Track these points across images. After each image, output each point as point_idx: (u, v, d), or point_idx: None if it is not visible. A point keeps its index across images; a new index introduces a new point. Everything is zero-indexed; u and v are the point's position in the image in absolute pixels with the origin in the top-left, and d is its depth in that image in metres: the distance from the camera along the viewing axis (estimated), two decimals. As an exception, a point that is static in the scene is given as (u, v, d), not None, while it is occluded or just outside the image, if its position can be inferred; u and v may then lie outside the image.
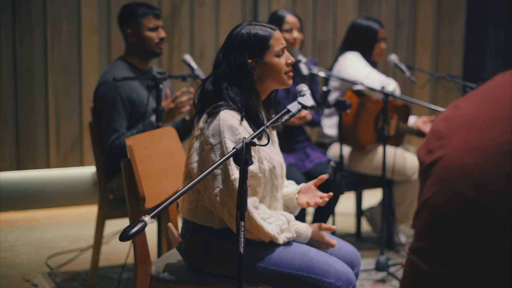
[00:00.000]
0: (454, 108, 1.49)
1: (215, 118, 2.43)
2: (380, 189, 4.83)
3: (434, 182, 1.42)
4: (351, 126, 4.37)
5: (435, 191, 1.41)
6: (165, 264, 2.63)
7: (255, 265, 2.43)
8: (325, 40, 6.33)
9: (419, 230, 1.46)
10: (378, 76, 4.33)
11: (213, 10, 5.77)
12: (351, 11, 6.42)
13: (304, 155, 4.25)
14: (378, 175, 4.52)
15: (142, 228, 1.84)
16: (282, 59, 2.56)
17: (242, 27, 2.55)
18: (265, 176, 2.50)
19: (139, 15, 3.67)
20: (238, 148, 2.09)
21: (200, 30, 5.72)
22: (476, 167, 1.33)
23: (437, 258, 1.40)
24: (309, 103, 2.42)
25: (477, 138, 1.36)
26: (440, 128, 1.48)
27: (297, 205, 2.73)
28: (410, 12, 6.79)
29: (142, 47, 3.70)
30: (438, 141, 1.46)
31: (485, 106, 1.40)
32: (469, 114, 1.42)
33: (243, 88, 2.50)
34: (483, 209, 1.31)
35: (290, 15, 4.18)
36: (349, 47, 4.54)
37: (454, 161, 1.38)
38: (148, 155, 2.67)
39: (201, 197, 2.49)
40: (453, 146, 1.40)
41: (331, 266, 2.43)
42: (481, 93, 1.45)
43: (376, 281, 3.97)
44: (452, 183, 1.37)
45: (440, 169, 1.41)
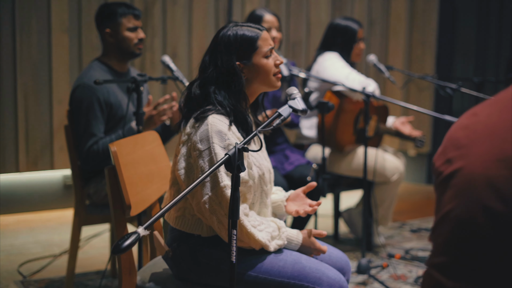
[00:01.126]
0: (473, 116, 1.43)
1: (203, 123, 2.34)
2: (358, 190, 4.80)
3: (455, 193, 1.36)
4: (331, 127, 4.32)
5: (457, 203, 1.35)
6: (151, 274, 2.54)
7: (246, 274, 2.36)
8: (298, 40, 6.27)
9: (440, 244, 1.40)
10: (358, 76, 4.29)
11: (186, 9, 5.67)
12: (324, 10, 6.37)
13: (283, 157, 4.19)
14: (358, 177, 4.48)
15: (135, 240, 1.76)
16: (270, 60, 2.49)
17: (228, 29, 2.47)
18: (255, 182, 2.43)
19: (119, 14, 3.57)
20: (231, 154, 2.02)
21: (172, 30, 5.63)
22: (502, 179, 1.28)
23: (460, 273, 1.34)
24: (300, 107, 2.35)
25: (501, 148, 1.31)
26: (458, 136, 1.42)
27: (285, 212, 2.66)
28: (382, 11, 6.77)
29: (120, 47, 3.60)
30: (457, 150, 1.40)
31: (507, 115, 1.34)
32: (491, 123, 1.36)
33: (231, 92, 2.42)
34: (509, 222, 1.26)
35: (268, 14, 4.11)
36: (328, 47, 4.49)
37: (478, 172, 1.32)
38: (132, 161, 2.58)
39: (188, 204, 2.41)
40: (475, 156, 1.35)
41: (324, 274, 2.37)
42: (501, 101, 1.40)
43: (358, 283, 3.92)
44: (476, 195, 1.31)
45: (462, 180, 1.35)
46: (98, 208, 3.60)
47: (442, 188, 1.42)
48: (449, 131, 1.47)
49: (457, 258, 1.35)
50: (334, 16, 6.33)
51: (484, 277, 1.30)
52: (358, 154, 4.45)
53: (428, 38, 6.82)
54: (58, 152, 5.25)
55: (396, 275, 4.07)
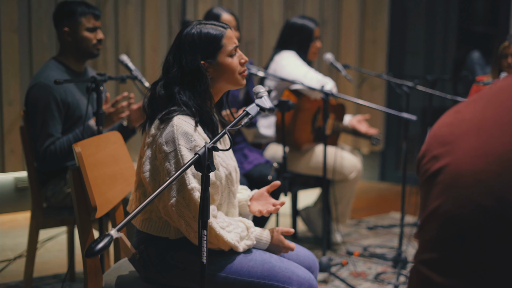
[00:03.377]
0: (456, 113, 1.43)
1: (168, 125, 2.30)
2: (315, 189, 4.81)
3: (442, 190, 1.36)
4: (289, 126, 4.32)
5: (445, 200, 1.35)
6: (117, 277, 2.49)
7: (215, 275, 2.33)
8: (251, 39, 6.26)
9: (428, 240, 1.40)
10: (315, 75, 4.30)
11: (138, 8, 5.60)
12: (277, 10, 6.38)
13: (242, 156, 4.17)
14: (316, 175, 4.49)
15: (108, 242, 1.72)
16: (235, 58, 2.46)
17: (192, 27, 2.43)
18: (222, 183, 2.40)
19: (78, 13, 3.50)
20: (201, 153, 1.99)
21: (125, 29, 5.55)
22: (490, 173, 1.28)
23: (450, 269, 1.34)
24: (268, 105, 2.34)
25: (487, 143, 1.31)
26: (443, 133, 1.42)
27: (249, 212, 2.64)
28: (334, 10, 6.81)
29: (78, 47, 3.53)
30: (443, 147, 1.40)
31: (492, 111, 1.35)
32: (476, 119, 1.37)
33: (196, 92, 2.38)
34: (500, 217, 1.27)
35: (226, 13, 4.09)
36: (285, 46, 4.49)
37: (465, 167, 1.32)
38: (95, 162, 2.52)
39: (155, 207, 2.37)
40: (461, 151, 1.35)
41: (293, 273, 2.36)
42: (484, 98, 1.40)
43: (319, 281, 3.93)
44: (464, 190, 1.31)
45: (449, 176, 1.36)
46: (56, 210, 3.53)
47: (428, 185, 1.41)
48: (432, 129, 1.47)
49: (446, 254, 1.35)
50: (287, 15, 6.34)
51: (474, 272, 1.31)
52: (316, 152, 4.46)
53: (379, 37, 6.89)
54: (9, 154, 5.12)
55: (356, 272, 4.09)
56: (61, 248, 4.47)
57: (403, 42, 7.18)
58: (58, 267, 4.13)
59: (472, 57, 7.43)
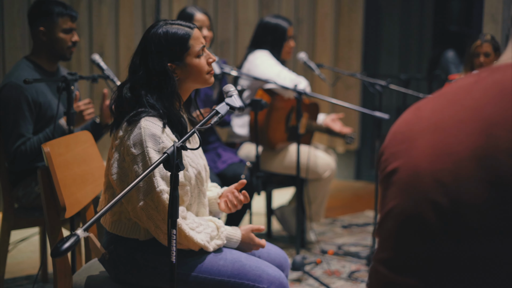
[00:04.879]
0: (416, 110, 1.44)
1: (136, 127, 2.28)
2: (289, 188, 4.82)
3: (399, 188, 1.36)
4: (263, 125, 4.32)
5: (402, 199, 1.35)
6: (87, 277, 2.48)
7: (185, 275, 2.33)
8: (226, 38, 6.26)
9: (385, 239, 1.40)
10: (289, 74, 4.31)
11: (112, 8, 5.58)
12: (252, 9, 6.38)
13: (216, 155, 4.17)
14: (290, 174, 4.50)
15: (75, 242, 1.71)
16: (202, 59, 2.44)
17: (159, 27, 2.39)
18: (191, 183, 2.39)
19: (55, 14, 3.46)
20: (169, 152, 1.99)
21: (99, 28, 5.52)
22: (447, 173, 1.29)
23: (406, 268, 1.35)
24: (238, 104, 2.34)
25: (445, 142, 1.32)
26: (402, 131, 1.42)
27: (219, 210, 2.65)
28: (309, 10, 6.83)
29: (52, 48, 3.50)
30: (400, 145, 1.40)
31: (450, 109, 1.36)
32: (434, 117, 1.37)
33: (163, 94, 2.35)
34: (456, 217, 1.27)
35: (199, 12, 4.08)
36: (258, 45, 4.49)
37: (422, 166, 1.33)
38: (65, 162, 2.51)
39: (124, 208, 2.36)
40: (418, 150, 1.35)
41: (264, 271, 2.36)
42: (445, 95, 1.41)
43: (293, 280, 3.94)
44: (421, 189, 1.32)
45: (405, 175, 1.36)
46: (28, 211, 3.50)
47: (386, 183, 1.42)
48: (393, 126, 1.47)
49: (403, 253, 1.35)
50: (262, 14, 6.34)
51: (430, 271, 1.31)
52: (290, 151, 4.47)
53: (354, 37, 6.91)
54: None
55: (330, 270, 4.10)
56: (34, 249, 4.44)
57: (378, 41, 7.21)
58: (31, 268, 4.10)
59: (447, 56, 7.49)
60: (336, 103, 3.80)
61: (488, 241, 1.24)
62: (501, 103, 1.27)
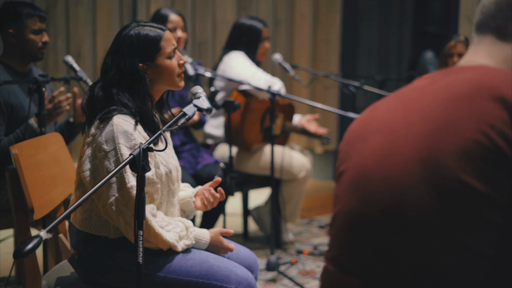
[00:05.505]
0: (373, 110, 1.46)
1: (108, 124, 2.31)
2: (266, 188, 4.84)
3: (349, 188, 1.39)
4: (238, 126, 4.34)
5: (350, 198, 1.37)
6: (56, 278, 2.49)
7: (153, 275, 2.35)
8: (204, 39, 6.27)
9: (335, 238, 1.42)
10: (263, 75, 4.33)
11: (90, 9, 5.58)
12: (230, 10, 6.39)
13: (191, 157, 4.18)
14: (265, 175, 4.52)
15: (37, 244, 1.72)
16: (174, 60, 2.48)
17: (130, 29, 2.43)
18: (162, 181, 2.41)
19: (24, 15, 3.45)
20: (135, 154, 2.01)
21: (76, 29, 5.52)
22: (393, 174, 1.31)
23: (353, 267, 1.37)
24: (205, 106, 2.36)
25: (394, 143, 1.34)
26: (356, 129, 1.45)
27: (194, 208, 2.67)
28: (287, 10, 6.85)
29: (23, 49, 3.49)
30: (353, 145, 1.43)
31: (402, 110, 1.38)
32: (387, 117, 1.40)
33: (135, 93, 2.39)
34: (401, 218, 1.29)
35: (173, 14, 4.10)
36: (233, 46, 4.51)
37: (370, 167, 1.35)
38: (34, 163, 2.52)
39: (94, 206, 2.37)
40: (369, 150, 1.38)
41: (232, 272, 2.38)
42: (399, 97, 1.43)
43: (267, 280, 3.96)
44: (369, 189, 1.34)
45: (355, 175, 1.38)
46: (2, 213, 3.49)
47: (337, 182, 1.45)
48: (350, 125, 1.50)
49: (350, 252, 1.38)
50: (240, 15, 6.36)
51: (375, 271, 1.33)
52: (265, 152, 4.49)
53: (332, 37, 6.94)
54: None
55: (305, 270, 4.13)
56: (10, 251, 4.43)
57: (356, 42, 7.25)
58: (6, 270, 4.09)
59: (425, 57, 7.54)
60: (309, 104, 3.83)
61: (429, 241, 1.26)
62: (449, 107, 1.30)
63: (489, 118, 1.24)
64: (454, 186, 1.23)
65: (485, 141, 1.23)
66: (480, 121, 1.24)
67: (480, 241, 1.23)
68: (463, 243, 1.23)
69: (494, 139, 1.22)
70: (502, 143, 1.22)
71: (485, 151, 1.23)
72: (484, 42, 1.47)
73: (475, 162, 1.23)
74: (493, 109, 1.24)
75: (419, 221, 1.26)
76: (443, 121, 1.29)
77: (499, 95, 1.25)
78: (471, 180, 1.22)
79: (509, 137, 1.22)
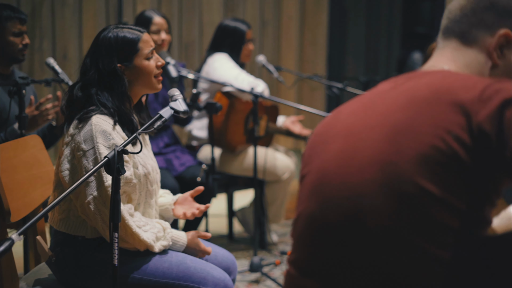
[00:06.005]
0: (336, 114, 1.48)
1: (87, 123, 2.33)
2: (251, 189, 4.85)
3: (309, 191, 1.40)
4: (221, 128, 4.35)
5: (310, 201, 1.39)
6: (35, 280, 2.50)
7: (130, 276, 2.36)
8: (191, 41, 6.28)
9: (296, 240, 1.44)
10: (247, 77, 4.34)
11: (76, 10, 5.58)
12: (217, 12, 6.40)
13: (175, 158, 4.19)
14: (250, 176, 4.53)
15: (9, 247, 1.73)
16: (152, 61, 2.50)
17: (109, 31, 2.47)
18: (140, 182, 2.43)
19: (3, 18, 3.45)
20: (110, 156, 2.02)
21: (62, 31, 5.52)
22: (352, 177, 1.32)
23: (312, 269, 1.38)
24: (182, 108, 2.37)
25: (354, 147, 1.35)
26: (320, 133, 1.46)
27: (173, 216, 2.68)
28: (274, 12, 6.86)
29: (4, 52, 3.49)
30: (316, 148, 1.44)
31: (363, 114, 1.39)
32: (349, 122, 1.41)
33: (114, 93, 2.42)
34: (359, 222, 1.30)
35: (157, 16, 4.11)
36: (217, 48, 4.52)
37: (330, 170, 1.36)
38: (13, 166, 2.53)
39: (72, 206, 2.39)
40: (330, 154, 1.39)
41: (209, 273, 2.40)
42: (362, 100, 1.45)
43: (250, 282, 3.97)
44: (329, 192, 1.35)
45: (316, 178, 1.39)
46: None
47: (300, 185, 1.46)
48: (316, 128, 1.52)
49: (310, 255, 1.39)
50: (227, 17, 6.37)
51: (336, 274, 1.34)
52: (249, 154, 4.50)
53: (319, 39, 6.96)
54: None
55: (287, 271, 4.13)
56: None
57: (344, 43, 7.26)
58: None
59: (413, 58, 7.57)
60: (291, 105, 3.84)
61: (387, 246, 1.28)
62: (408, 111, 1.31)
63: (446, 123, 1.25)
64: (411, 190, 1.25)
65: (442, 146, 1.24)
66: (438, 126, 1.26)
67: (436, 246, 1.24)
68: (420, 248, 1.25)
69: (451, 144, 1.24)
70: (459, 148, 1.23)
71: (442, 156, 1.24)
72: (449, 47, 1.49)
73: (432, 166, 1.24)
74: (450, 114, 1.26)
75: (376, 225, 1.28)
76: (402, 126, 1.30)
77: (457, 100, 1.27)
78: (427, 185, 1.24)
79: (465, 142, 1.23)
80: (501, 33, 1.44)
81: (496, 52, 1.44)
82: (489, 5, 1.45)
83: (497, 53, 1.44)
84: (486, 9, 1.45)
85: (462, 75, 1.36)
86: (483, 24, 1.45)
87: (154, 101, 4.05)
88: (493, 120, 1.22)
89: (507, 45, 1.45)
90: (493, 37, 1.45)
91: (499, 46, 1.44)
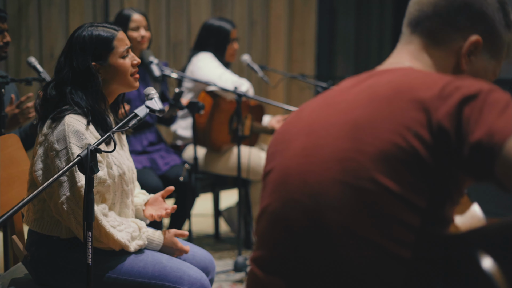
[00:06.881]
0: (299, 112, 1.47)
1: (60, 123, 2.32)
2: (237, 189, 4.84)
3: (271, 189, 1.39)
4: (206, 127, 4.34)
5: (274, 198, 1.38)
6: (11, 279, 2.49)
7: (105, 276, 2.35)
8: (179, 40, 6.27)
9: (260, 238, 1.43)
10: (231, 76, 4.33)
11: (63, 10, 5.56)
12: (205, 11, 6.39)
13: (159, 157, 4.18)
14: (235, 176, 4.52)
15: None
16: (127, 60, 2.49)
17: (84, 29, 2.46)
18: (115, 182, 2.41)
19: None
20: (83, 155, 2.01)
21: (49, 30, 5.50)
22: (312, 174, 1.32)
23: (274, 267, 1.37)
24: (157, 107, 2.36)
25: (314, 144, 1.35)
26: (282, 131, 1.46)
27: (143, 216, 2.66)
28: (263, 12, 6.85)
29: None
30: (278, 145, 1.44)
31: (325, 112, 1.39)
32: (310, 119, 1.40)
33: (88, 92, 2.40)
34: (320, 219, 1.30)
35: (136, 13, 4.10)
36: (202, 47, 4.51)
37: (291, 168, 1.36)
38: (-11, 165, 2.51)
39: (47, 206, 2.38)
40: (291, 151, 1.38)
41: (185, 273, 2.39)
42: (324, 98, 1.44)
43: (235, 281, 3.97)
44: (290, 190, 1.35)
45: (278, 176, 1.39)
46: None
47: (263, 183, 1.45)
48: (279, 127, 1.51)
49: (271, 252, 1.38)
50: (215, 16, 6.36)
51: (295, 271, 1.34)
52: (234, 153, 4.49)
53: (307, 38, 6.95)
54: None
55: (272, 271, 4.13)
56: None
57: (333, 43, 7.25)
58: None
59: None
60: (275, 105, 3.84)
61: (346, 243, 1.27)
62: (369, 108, 1.31)
63: (406, 120, 1.25)
64: (370, 187, 1.24)
65: (402, 143, 1.24)
66: (397, 123, 1.25)
67: (397, 243, 1.24)
68: (380, 246, 1.24)
69: (411, 141, 1.23)
70: (418, 145, 1.23)
71: (402, 153, 1.23)
72: (414, 44, 1.47)
73: (392, 163, 1.24)
74: (410, 111, 1.25)
75: (337, 223, 1.27)
76: (363, 122, 1.29)
77: (417, 98, 1.26)
78: (387, 182, 1.23)
79: (425, 139, 1.23)
80: (473, 40, 1.41)
81: (464, 58, 1.43)
82: (463, 5, 1.42)
83: (465, 59, 1.43)
84: (460, 10, 1.42)
85: (423, 73, 1.36)
86: (454, 27, 1.42)
87: (137, 99, 4.03)
88: (452, 117, 1.21)
89: (475, 52, 1.43)
90: (464, 41, 1.42)
91: (468, 52, 1.42)
